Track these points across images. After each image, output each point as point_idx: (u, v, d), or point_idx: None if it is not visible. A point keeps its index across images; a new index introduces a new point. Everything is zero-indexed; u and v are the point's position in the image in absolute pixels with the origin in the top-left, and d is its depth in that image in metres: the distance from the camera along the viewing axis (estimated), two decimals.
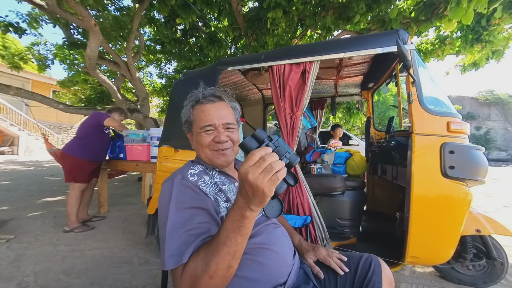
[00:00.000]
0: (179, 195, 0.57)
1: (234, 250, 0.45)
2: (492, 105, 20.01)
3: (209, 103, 0.68)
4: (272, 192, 0.41)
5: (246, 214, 0.44)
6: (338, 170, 1.91)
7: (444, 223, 1.18)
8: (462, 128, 1.21)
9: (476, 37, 3.42)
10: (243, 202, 0.44)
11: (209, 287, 0.46)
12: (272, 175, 0.40)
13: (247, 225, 0.45)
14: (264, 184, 0.39)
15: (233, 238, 0.45)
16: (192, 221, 0.53)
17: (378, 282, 0.66)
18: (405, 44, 1.20)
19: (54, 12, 3.79)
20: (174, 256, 0.49)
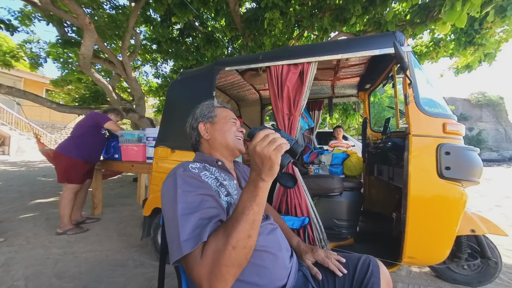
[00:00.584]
0: (184, 185, 0.58)
1: (252, 219, 0.48)
2: (483, 107, 20.49)
3: (228, 108, 0.86)
4: (278, 159, 0.48)
5: (259, 184, 0.50)
6: (336, 171, 1.92)
7: (440, 223, 1.19)
8: (457, 130, 1.23)
9: (469, 40, 3.49)
10: (255, 174, 0.51)
11: (232, 258, 0.46)
12: (277, 146, 0.48)
13: (261, 195, 0.50)
14: (270, 152, 0.48)
15: (249, 207, 0.49)
16: (203, 205, 0.55)
17: (377, 283, 0.66)
18: (402, 46, 1.21)
19: (47, 10, 3.72)
20: (190, 239, 0.49)
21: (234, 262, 0.47)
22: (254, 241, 0.49)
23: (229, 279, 0.47)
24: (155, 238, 1.76)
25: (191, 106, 1.78)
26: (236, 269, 0.47)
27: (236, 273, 0.48)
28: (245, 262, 0.49)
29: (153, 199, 1.69)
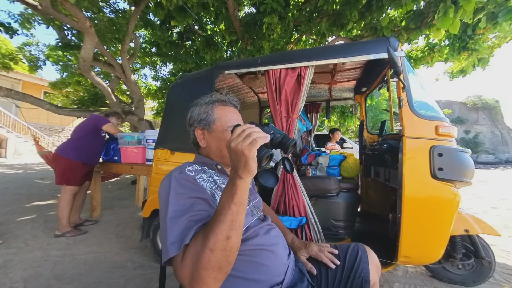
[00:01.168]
0: (177, 187, 0.58)
1: (231, 220, 0.47)
2: (480, 110, 20.73)
3: (232, 106, 0.76)
4: (252, 153, 0.46)
5: (236, 182, 0.48)
6: (333, 172, 1.95)
7: (434, 223, 1.22)
8: (450, 132, 1.27)
9: (463, 45, 3.58)
10: (233, 172, 0.49)
11: (210, 262, 0.45)
12: (251, 139, 0.46)
13: (239, 193, 0.48)
14: (243, 147, 0.46)
15: (227, 207, 0.47)
16: (193, 208, 0.54)
17: (366, 268, 0.70)
18: (395, 51, 1.25)
19: (48, 13, 3.75)
20: (176, 242, 0.49)
21: (214, 265, 0.45)
22: (234, 242, 0.47)
23: (210, 282, 0.45)
24: (154, 240, 1.77)
25: None
26: (217, 272, 0.46)
27: (217, 276, 0.46)
28: (227, 265, 0.47)
29: (153, 200, 1.70)
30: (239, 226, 0.48)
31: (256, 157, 0.48)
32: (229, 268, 0.48)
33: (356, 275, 0.70)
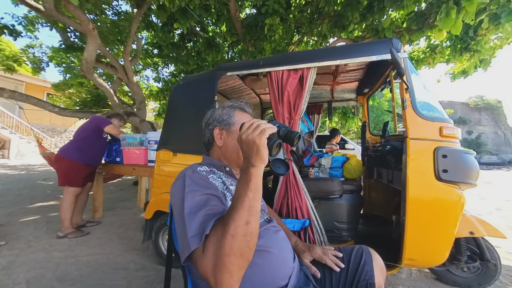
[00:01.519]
0: (192, 185, 0.60)
1: (248, 205, 0.49)
2: (482, 110, 20.62)
3: (248, 113, 0.82)
4: (263, 141, 0.52)
5: (250, 171, 0.52)
6: (335, 173, 1.94)
7: (439, 225, 1.21)
8: (454, 133, 1.26)
9: (465, 46, 3.56)
10: (246, 162, 0.54)
11: (232, 248, 0.46)
12: (260, 129, 0.52)
13: (254, 180, 0.52)
14: (254, 137, 0.52)
15: (243, 194, 0.50)
16: (208, 203, 0.56)
17: (370, 270, 0.69)
18: (398, 52, 1.25)
19: (51, 16, 3.79)
20: (196, 235, 0.50)
21: (236, 251, 0.46)
22: (254, 228, 0.48)
23: (234, 269, 0.46)
24: (156, 241, 1.76)
25: (193, 110, 1.81)
26: (240, 259, 0.46)
27: (240, 263, 0.46)
28: (249, 251, 0.48)
29: (155, 202, 1.70)
30: (256, 212, 0.50)
31: (266, 145, 0.53)
32: (250, 255, 0.48)
33: (360, 278, 0.69)
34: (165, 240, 1.79)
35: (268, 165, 0.57)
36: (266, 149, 0.53)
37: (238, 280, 0.47)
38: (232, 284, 0.46)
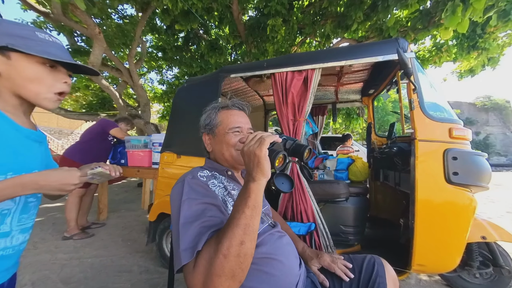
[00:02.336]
0: (190, 192, 0.58)
1: (244, 223, 0.46)
2: (490, 111, 20.19)
3: (236, 109, 0.76)
4: (263, 152, 0.49)
5: (250, 185, 0.49)
6: (341, 176, 1.91)
7: (449, 230, 1.17)
8: (464, 134, 1.22)
9: (472, 44, 3.49)
10: (247, 176, 0.51)
11: (223, 269, 0.43)
12: (257, 140, 0.51)
13: (253, 196, 0.48)
14: (253, 148, 0.50)
15: (240, 210, 0.47)
16: (205, 214, 0.54)
17: (383, 282, 0.66)
18: (405, 52, 1.22)
19: (59, 20, 3.87)
20: (188, 249, 0.48)
21: (227, 272, 0.43)
22: (248, 249, 0.46)
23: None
24: (160, 244, 1.76)
25: (197, 112, 1.80)
26: (230, 280, 0.44)
27: (231, 285, 0.44)
28: (241, 273, 0.45)
29: (159, 204, 1.70)
30: (253, 231, 0.47)
31: (268, 156, 0.50)
32: (243, 277, 0.46)
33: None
34: (168, 243, 1.79)
35: (271, 180, 0.55)
36: (268, 161, 0.50)
37: None
38: None
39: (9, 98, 0.53)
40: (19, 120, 0.55)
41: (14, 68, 0.50)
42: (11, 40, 0.48)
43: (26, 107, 0.57)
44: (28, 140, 0.56)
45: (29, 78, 0.51)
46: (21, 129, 0.54)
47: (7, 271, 0.56)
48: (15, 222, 0.54)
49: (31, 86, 0.52)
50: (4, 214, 0.52)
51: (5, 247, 0.53)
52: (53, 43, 0.54)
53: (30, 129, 0.57)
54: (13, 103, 0.54)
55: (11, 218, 0.53)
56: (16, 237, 0.55)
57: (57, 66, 0.55)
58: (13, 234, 0.54)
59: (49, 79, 0.54)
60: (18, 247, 0.56)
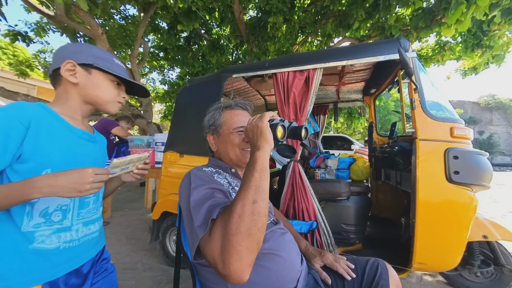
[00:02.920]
0: (197, 180, 0.61)
1: (255, 185, 0.49)
2: (494, 110, 19.98)
3: (239, 109, 0.78)
4: (265, 124, 0.56)
5: (256, 154, 0.54)
6: (342, 175, 1.91)
7: (450, 228, 1.18)
8: (465, 134, 1.22)
9: (477, 42, 3.46)
10: (252, 149, 0.57)
11: (239, 227, 0.45)
12: (260, 115, 0.59)
13: (259, 162, 0.53)
14: (256, 121, 0.57)
15: (250, 175, 0.51)
16: (213, 196, 0.57)
17: (386, 286, 0.67)
18: (406, 52, 1.22)
19: (62, 22, 3.91)
20: (202, 224, 0.50)
21: (243, 231, 0.44)
22: (262, 207, 0.47)
23: (242, 251, 0.43)
24: (163, 242, 1.79)
25: (199, 112, 1.82)
26: (248, 240, 0.44)
27: (248, 245, 0.44)
28: (257, 232, 0.45)
29: (162, 203, 1.72)
30: (263, 191, 0.50)
31: (269, 128, 0.57)
32: (260, 237, 0.47)
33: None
34: (172, 241, 1.81)
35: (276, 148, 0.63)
36: (270, 131, 0.56)
37: (249, 265, 0.44)
38: (242, 268, 0.43)
39: (76, 104, 0.64)
40: (75, 122, 0.64)
41: (91, 81, 0.63)
42: (96, 60, 0.63)
43: (86, 113, 0.68)
44: (81, 139, 0.64)
45: (102, 89, 0.65)
46: (74, 129, 0.62)
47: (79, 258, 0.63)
48: (75, 217, 0.62)
49: (103, 95, 0.66)
50: (65, 210, 0.59)
51: (71, 239, 0.60)
52: (122, 68, 0.69)
53: (84, 130, 0.66)
54: (76, 108, 0.65)
55: (71, 213, 0.61)
56: (81, 230, 0.63)
57: (121, 85, 0.70)
58: (76, 228, 0.62)
59: (115, 92, 0.68)
60: (83, 238, 0.63)
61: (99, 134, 0.76)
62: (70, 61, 0.60)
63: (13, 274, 0.52)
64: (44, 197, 0.53)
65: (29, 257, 0.54)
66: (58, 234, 0.58)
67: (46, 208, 0.56)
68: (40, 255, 0.55)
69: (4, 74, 10.28)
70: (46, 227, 0.56)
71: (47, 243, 0.56)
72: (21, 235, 0.53)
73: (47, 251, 0.56)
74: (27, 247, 0.54)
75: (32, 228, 0.54)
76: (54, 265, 0.57)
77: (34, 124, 0.53)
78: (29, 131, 0.52)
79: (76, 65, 0.61)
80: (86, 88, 0.63)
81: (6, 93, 4.36)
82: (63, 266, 0.58)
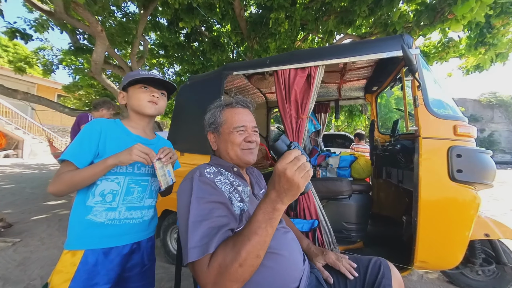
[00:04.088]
0: (198, 190, 0.59)
1: (264, 240, 0.48)
2: (495, 107, 19.88)
3: (240, 107, 0.76)
4: (303, 188, 0.48)
5: (277, 207, 0.48)
6: (343, 173, 1.91)
7: (452, 227, 1.17)
8: (469, 132, 1.21)
9: (481, 40, 3.42)
10: (276, 195, 0.48)
11: (237, 275, 0.47)
12: (305, 173, 0.47)
13: (277, 217, 0.49)
14: (299, 179, 0.47)
15: (264, 228, 0.48)
16: (212, 214, 0.56)
17: (388, 285, 0.66)
18: (410, 49, 1.21)
19: (61, 19, 3.88)
20: (197, 247, 0.50)
21: (239, 278, 0.47)
22: (261, 260, 0.50)
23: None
24: (164, 240, 1.79)
25: (200, 110, 1.81)
26: (239, 284, 0.48)
27: (239, 286, 0.49)
28: (248, 277, 0.49)
29: (163, 201, 1.72)
30: (267, 246, 0.50)
31: None
32: (247, 280, 0.50)
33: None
34: (173, 239, 1.81)
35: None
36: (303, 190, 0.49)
37: None
38: None
39: (133, 116, 0.85)
40: (135, 131, 0.84)
41: (129, 96, 0.83)
42: (126, 81, 0.81)
43: (141, 121, 0.86)
44: (135, 141, 0.78)
45: (133, 98, 0.82)
46: (130, 134, 0.83)
47: (119, 237, 0.76)
48: (121, 201, 0.77)
49: (135, 101, 0.82)
50: (114, 194, 0.76)
51: (114, 218, 0.75)
52: (148, 73, 0.82)
53: (140, 135, 0.84)
54: (135, 120, 0.85)
55: (119, 197, 0.76)
56: (123, 212, 0.77)
57: (148, 87, 0.83)
58: (120, 210, 0.76)
59: (142, 95, 0.82)
60: (124, 221, 0.77)
61: (161, 139, 0.94)
62: (120, 91, 0.85)
63: (72, 235, 0.72)
64: (105, 182, 0.74)
65: (84, 225, 0.72)
66: (107, 212, 0.74)
67: (103, 190, 0.74)
68: (91, 225, 0.72)
69: (4, 72, 10.26)
70: (101, 204, 0.74)
71: (98, 217, 0.73)
72: (85, 208, 0.73)
73: (96, 223, 0.72)
74: (84, 217, 0.72)
75: (93, 203, 0.73)
76: (98, 235, 0.72)
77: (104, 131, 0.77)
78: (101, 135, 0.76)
79: (122, 92, 0.84)
80: (129, 103, 0.84)
81: (6, 91, 4.34)
82: (104, 239, 0.72)
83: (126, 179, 0.78)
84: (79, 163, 0.72)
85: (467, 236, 1.17)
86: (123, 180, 0.77)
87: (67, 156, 0.72)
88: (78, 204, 0.74)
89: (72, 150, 0.73)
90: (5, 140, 9.90)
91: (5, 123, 9.90)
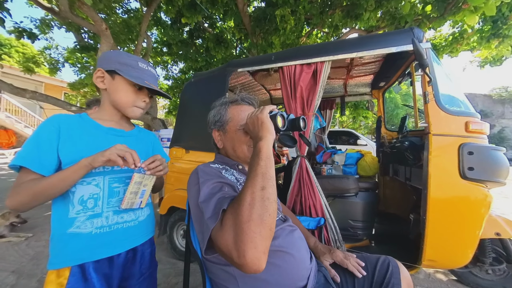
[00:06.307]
0: (204, 175, 0.61)
1: (261, 172, 0.50)
2: (506, 103, 19.25)
3: (246, 105, 0.76)
4: (265, 116, 0.60)
5: (259, 144, 0.56)
6: (349, 171, 1.89)
7: (462, 225, 1.15)
8: (481, 128, 1.17)
9: (494, 32, 3.29)
10: (254, 140, 0.60)
11: (251, 214, 0.44)
12: (260, 108, 0.62)
13: (263, 151, 0.55)
14: (256, 113, 0.61)
15: (255, 164, 0.52)
16: (222, 189, 0.57)
17: (397, 284, 0.66)
18: (420, 43, 1.17)
19: (66, 17, 3.90)
20: (213, 215, 0.50)
21: (255, 217, 0.44)
22: (270, 194, 0.47)
23: (256, 238, 0.42)
24: (171, 236, 1.82)
25: (204, 107, 1.81)
26: (261, 226, 0.43)
27: (262, 232, 0.43)
28: (269, 218, 0.45)
29: (169, 198, 1.74)
30: (270, 178, 0.50)
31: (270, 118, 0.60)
32: (272, 223, 0.46)
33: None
34: (179, 235, 1.84)
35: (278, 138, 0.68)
36: (270, 121, 0.59)
37: (264, 253, 0.43)
38: (257, 256, 0.42)
39: (108, 107, 0.71)
40: (107, 123, 0.70)
41: (114, 86, 0.67)
42: (119, 66, 0.65)
43: (118, 117, 0.72)
44: (107, 135, 0.69)
45: (121, 93, 0.68)
46: (101, 127, 0.68)
47: (111, 246, 0.65)
48: (105, 205, 0.66)
49: (121, 99, 0.68)
50: (96, 198, 0.65)
51: (102, 225, 0.64)
52: (147, 71, 0.69)
53: (112, 127, 0.71)
54: (110, 112, 0.71)
55: (101, 201, 0.65)
56: (111, 217, 0.66)
57: (142, 89, 0.70)
58: (106, 215, 0.65)
59: (133, 96, 0.69)
60: (115, 226, 0.67)
61: (142, 131, 0.82)
62: (100, 68, 0.66)
63: (53, 253, 0.61)
64: (80, 186, 0.62)
65: (66, 239, 0.61)
66: (92, 220, 0.63)
67: (81, 196, 0.63)
68: (75, 238, 0.61)
69: (13, 71, 10.46)
70: (83, 213, 0.63)
71: (82, 228, 0.62)
72: (66, 221, 0.61)
73: (81, 235, 0.62)
74: (65, 231, 0.61)
75: (75, 214, 0.62)
76: (85, 248, 0.61)
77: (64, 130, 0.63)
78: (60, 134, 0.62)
79: (104, 72, 0.66)
80: (110, 93, 0.68)
81: (15, 90, 4.43)
82: (94, 251, 0.62)
83: (106, 179, 0.66)
84: (41, 169, 0.58)
85: (478, 235, 1.14)
86: (102, 181, 0.65)
87: (24, 162, 0.57)
88: (56, 218, 0.62)
89: (28, 154, 0.58)
90: (15, 138, 10.16)
91: (15, 122, 10.14)
